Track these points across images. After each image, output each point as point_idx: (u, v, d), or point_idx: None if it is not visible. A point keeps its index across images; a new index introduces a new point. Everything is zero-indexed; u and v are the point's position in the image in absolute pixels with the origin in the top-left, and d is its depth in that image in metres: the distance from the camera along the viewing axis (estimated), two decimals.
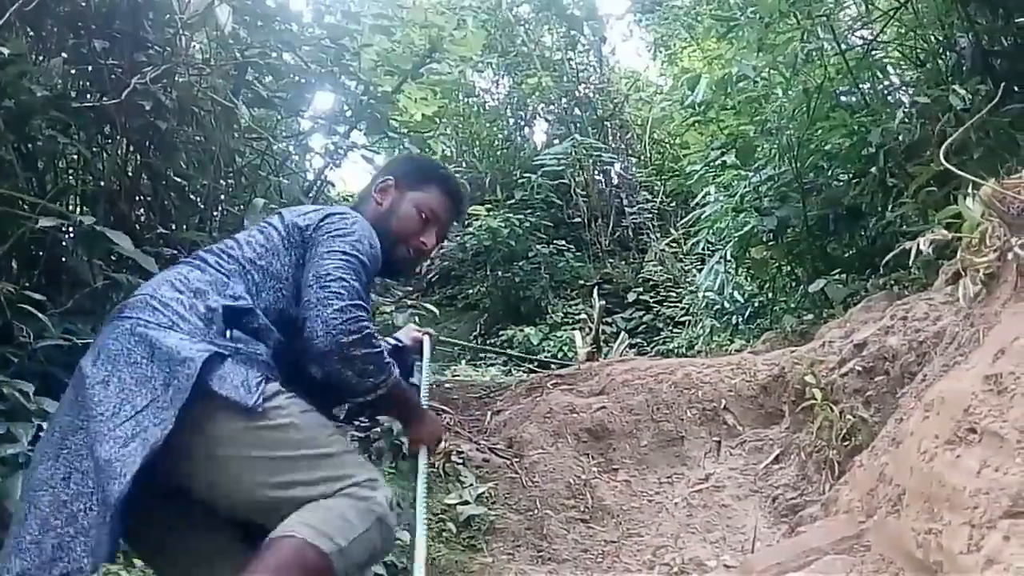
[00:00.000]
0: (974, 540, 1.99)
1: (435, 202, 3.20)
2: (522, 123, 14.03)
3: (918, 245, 2.90)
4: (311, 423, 2.53)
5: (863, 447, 3.44)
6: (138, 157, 4.88)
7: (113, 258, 4.46)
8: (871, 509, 2.67)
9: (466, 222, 10.89)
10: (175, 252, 4.58)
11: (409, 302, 6.03)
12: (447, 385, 6.50)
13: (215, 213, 5.28)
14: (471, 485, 4.68)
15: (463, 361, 9.97)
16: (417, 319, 5.91)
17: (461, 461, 4.86)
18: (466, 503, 4.52)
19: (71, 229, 4.46)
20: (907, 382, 3.52)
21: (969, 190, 2.73)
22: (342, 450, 2.54)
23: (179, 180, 5.02)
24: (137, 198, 4.96)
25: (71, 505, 2.39)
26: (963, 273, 2.85)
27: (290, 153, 6.25)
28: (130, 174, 4.86)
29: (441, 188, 3.25)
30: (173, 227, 4.84)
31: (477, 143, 13.57)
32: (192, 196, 5.16)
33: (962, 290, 2.81)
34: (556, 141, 12.80)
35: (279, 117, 6.14)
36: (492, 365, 9.88)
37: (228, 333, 2.61)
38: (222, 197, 5.28)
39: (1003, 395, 2.15)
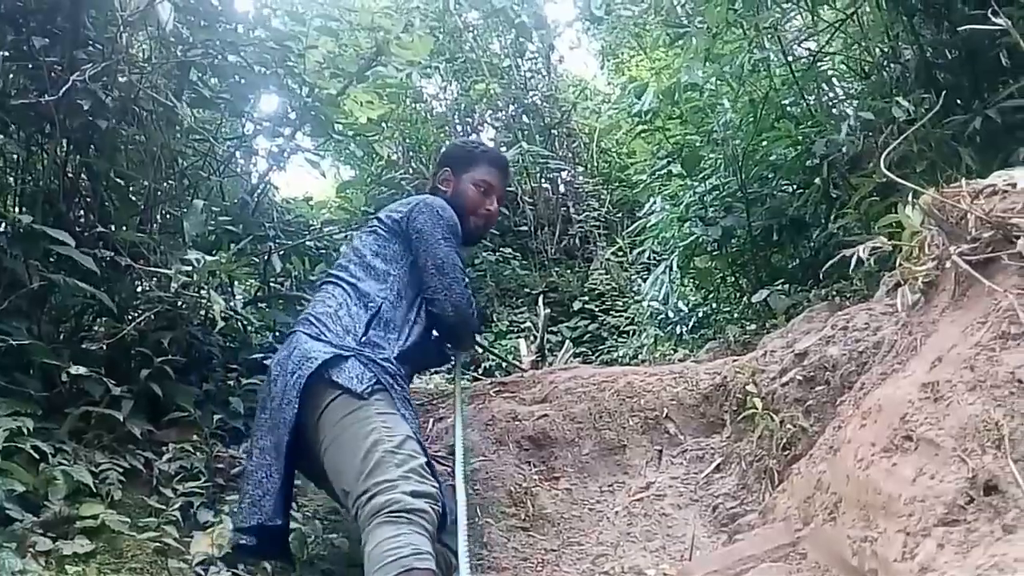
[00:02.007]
0: (908, 548, 1.99)
1: (486, 174, 4.14)
2: (469, 130, 13.97)
3: (857, 254, 2.91)
4: (378, 426, 3.23)
5: (802, 456, 3.44)
6: (77, 156, 4.82)
7: (51, 259, 4.40)
8: (808, 517, 2.67)
9: None
10: (113, 253, 4.51)
11: None
12: None
13: (156, 214, 5.20)
14: None
15: None
16: None
17: None
18: None
19: (8, 229, 4.39)
20: (847, 391, 3.53)
21: (909, 199, 2.74)
22: (391, 451, 3.16)
23: (119, 180, 4.97)
24: (76, 198, 4.89)
25: (257, 473, 3.42)
26: (903, 282, 2.86)
27: (234, 155, 6.18)
28: (69, 174, 4.79)
29: (486, 161, 4.20)
30: (112, 227, 4.77)
31: (424, 149, 13.48)
32: (132, 197, 5.10)
33: (900, 298, 2.82)
34: (503, 148, 12.76)
35: (222, 118, 6.07)
36: (436, 372, 9.79)
37: (363, 337, 3.52)
38: (164, 198, 5.21)
39: (939, 403, 2.15)
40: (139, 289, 4.85)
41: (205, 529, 3.90)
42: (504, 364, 8.06)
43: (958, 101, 5.34)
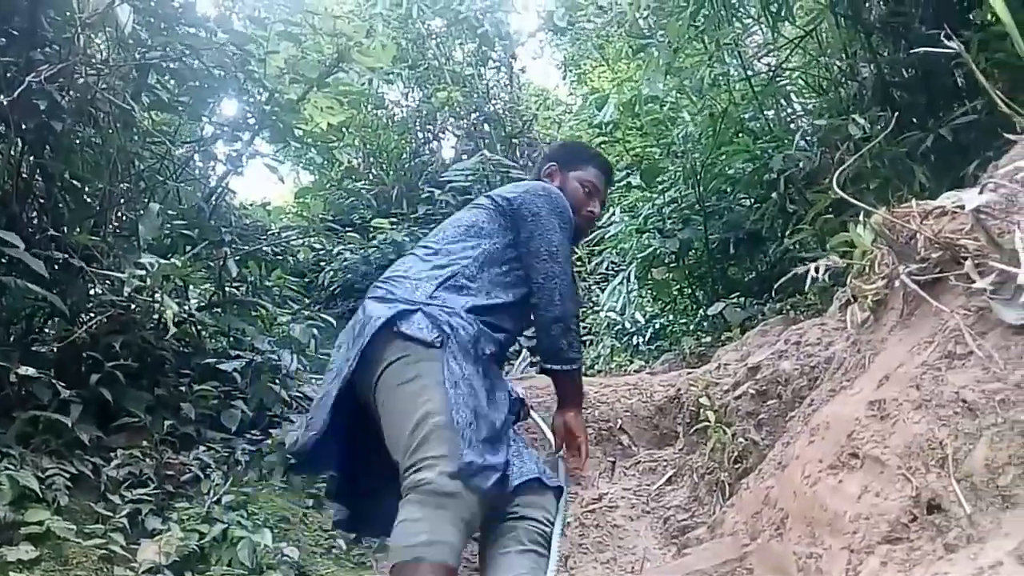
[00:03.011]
0: (852, 565, 2.00)
1: (593, 176, 4.05)
2: (431, 137, 13.97)
3: (809, 271, 2.93)
4: (440, 394, 3.11)
5: (753, 470, 3.46)
6: (32, 157, 4.77)
7: (2, 260, 4.35)
8: (755, 532, 2.68)
9: (370, 235, 10.80)
10: (66, 256, 4.47)
11: (307, 313, 5.94)
12: None
13: (111, 217, 5.15)
14: None
15: None
16: (316, 330, 5.83)
17: None
18: None
19: None
20: (798, 406, 3.55)
21: (861, 218, 2.76)
22: (440, 426, 3.05)
23: (74, 182, 4.92)
24: (29, 199, 4.84)
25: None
26: (853, 300, 2.89)
27: (192, 158, 6.15)
28: (23, 175, 4.74)
29: (594, 164, 4.12)
30: (65, 230, 4.72)
31: (384, 155, 13.45)
32: (87, 199, 5.05)
33: (850, 316, 2.84)
34: (464, 156, 12.75)
35: (180, 122, 6.02)
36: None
37: (434, 293, 3.41)
38: (121, 201, 5.16)
39: (885, 421, 2.17)
40: (92, 292, 4.79)
41: (153, 537, 3.87)
42: None
43: (913, 120, 5.40)
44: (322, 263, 11.55)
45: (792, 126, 6.96)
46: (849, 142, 5.22)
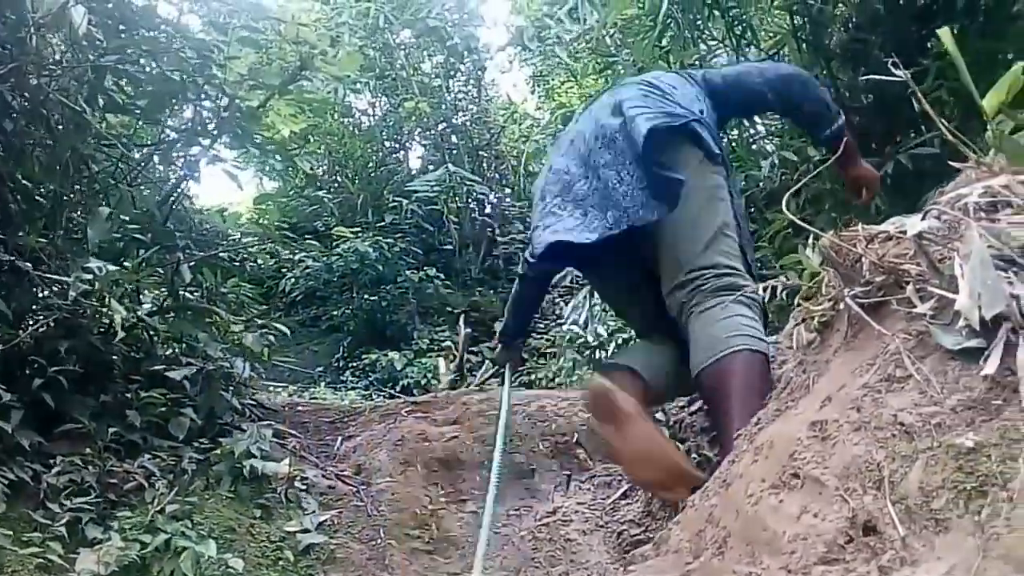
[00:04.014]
0: None
1: None
2: (397, 147, 13.97)
3: (767, 289, 2.94)
4: (729, 209, 3.22)
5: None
6: None
7: None
8: (698, 550, 2.66)
9: (334, 243, 10.79)
10: (13, 258, 4.41)
11: (260, 321, 5.89)
12: (300, 407, 6.36)
13: (62, 219, 5.09)
14: (313, 512, 4.57)
15: (323, 383, 9.84)
16: (272, 338, 5.79)
17: (305, 487, 4.75)
18: (306, 531, 4.41)
19: None
20: None
21: (810, 241, 2.77)
22: (731, 236, 3.21)
23: (25, 183, 4.85)
24: None
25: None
26: (801, 321, 2.89)
27: (152, 162, 6.08)
28: None
29: None
30: (12, 231, 4.66)
31: (350, 164, 13.44)
32: (38, 200, 4.98)
33: (796, 337, 2.85)
34: (431, 167, 12.78)
35: (137, 125, 5.96)
36: (353, 388, 9.77)
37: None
38: (71, 204, 5.10)
39: (826, 442, 2.16)
40: (38, 296, 4.73)
41: (93, 546, 3.80)
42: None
43: (872, 145, 5.44)
44: (283, 270, 11.52)
45: (754, 147, 7.00)
46: (808, 164, 5.26)
